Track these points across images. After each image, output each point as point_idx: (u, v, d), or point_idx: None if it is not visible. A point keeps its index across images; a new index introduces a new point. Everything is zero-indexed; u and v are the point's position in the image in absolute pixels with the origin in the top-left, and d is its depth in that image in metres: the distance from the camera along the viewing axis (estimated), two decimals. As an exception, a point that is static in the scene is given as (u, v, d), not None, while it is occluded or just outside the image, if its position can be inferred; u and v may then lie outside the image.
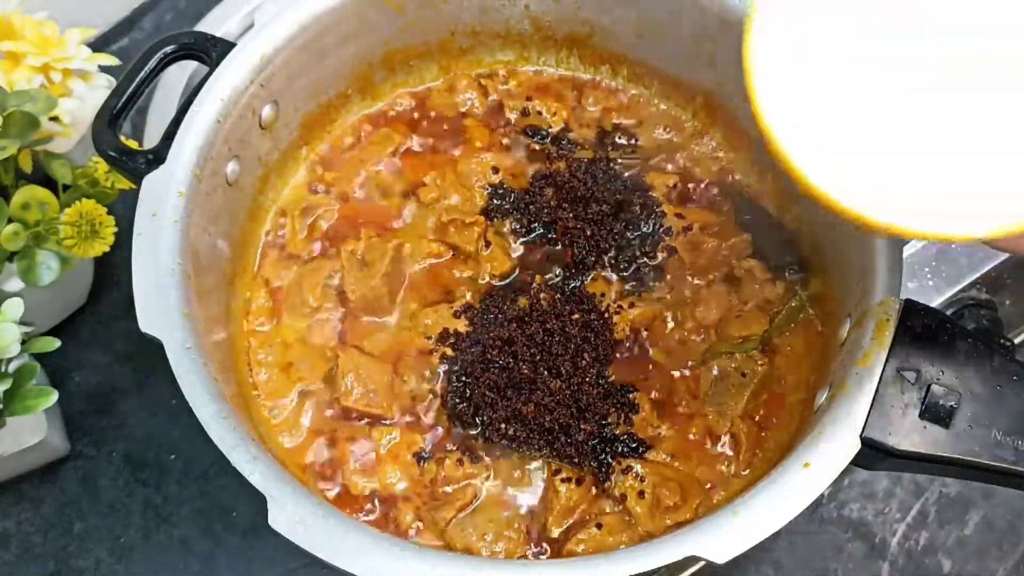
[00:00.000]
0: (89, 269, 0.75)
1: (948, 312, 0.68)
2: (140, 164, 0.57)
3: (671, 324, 0.64)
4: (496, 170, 0.69)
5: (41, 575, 0.68)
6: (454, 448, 0.60)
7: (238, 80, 0.60)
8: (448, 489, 0.59)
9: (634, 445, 0.59)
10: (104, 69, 0.70)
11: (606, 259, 0.66)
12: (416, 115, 0.72)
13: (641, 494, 0.58)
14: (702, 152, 0.70)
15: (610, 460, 0.59)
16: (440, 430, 0.61)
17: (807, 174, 0.39)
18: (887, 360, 0.50)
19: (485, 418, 0.60)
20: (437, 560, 0.47)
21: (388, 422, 0.61)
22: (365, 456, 0.60)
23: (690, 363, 0.62)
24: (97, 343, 0.75)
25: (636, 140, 0.71)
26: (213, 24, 0.84)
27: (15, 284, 0.65)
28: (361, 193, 0.69)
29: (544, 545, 0.57)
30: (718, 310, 0.63)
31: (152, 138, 0.77)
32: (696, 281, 0.65)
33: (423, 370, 0.62)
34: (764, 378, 0.61)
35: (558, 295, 0.64)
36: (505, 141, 0.71)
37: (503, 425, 0.59)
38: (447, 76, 0.73)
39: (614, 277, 0.65)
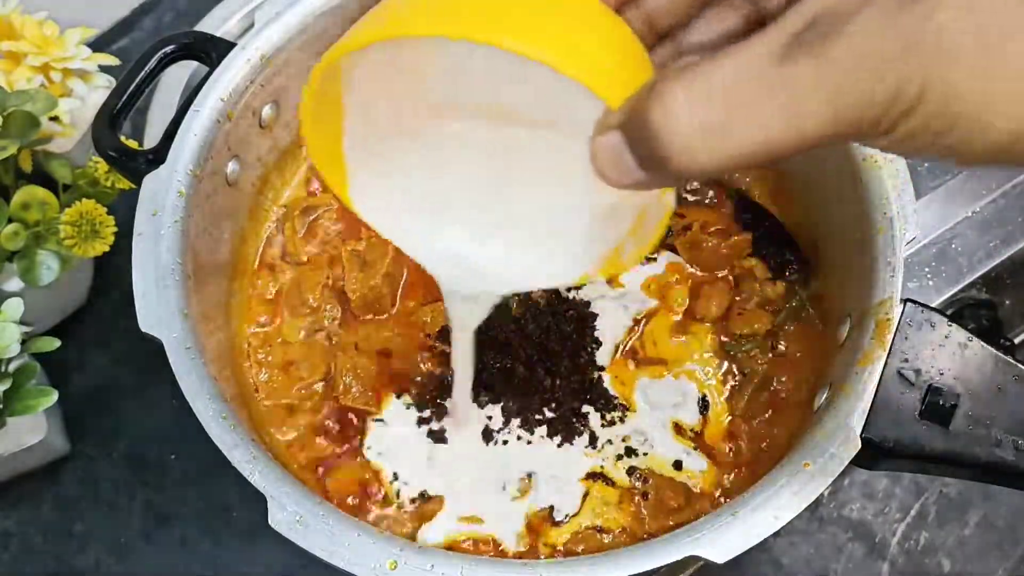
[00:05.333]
0: (89, 269, 0.75)
1: (948, 312, 0.68)
2: (140, 164, 0.57)
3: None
4: (496, 170, 0.69)
5: (41, 575, 0.68)
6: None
7: (238, 80, 0.60)
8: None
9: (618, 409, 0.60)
10: (104, 69, 0.70)
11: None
12: (416, 115, 0.72)
13: (644, 495, 0.58)
14: (702, 152, 0.70)
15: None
16: (440, 429, 0.61)
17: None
18: (887, 360, 0.50)
19: (491, 417, 0.60)
20: (437, 560, 0.47)
21: (387, 420, 0.61)
22: (365, 455, 0.60)
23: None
24: (97, 343, 0.75)
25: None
26: (213, 24, 0.84)
27: (15, 284, 0.65)
28: (361, 193, 0.69)
29: (544, 545, 0.57)
30: (719, 306, 0.63)
31: (152, 138, 0.77)
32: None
33: (423, 368, 0.62)
34: (764, 378, 0.61)
35: (554, 294, 0.64)
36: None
37: (502, 424, 0.60)
38: (447, 76, 0.73)
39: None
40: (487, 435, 0.60)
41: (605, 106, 0.33)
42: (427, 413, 0.61)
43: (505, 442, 0.60)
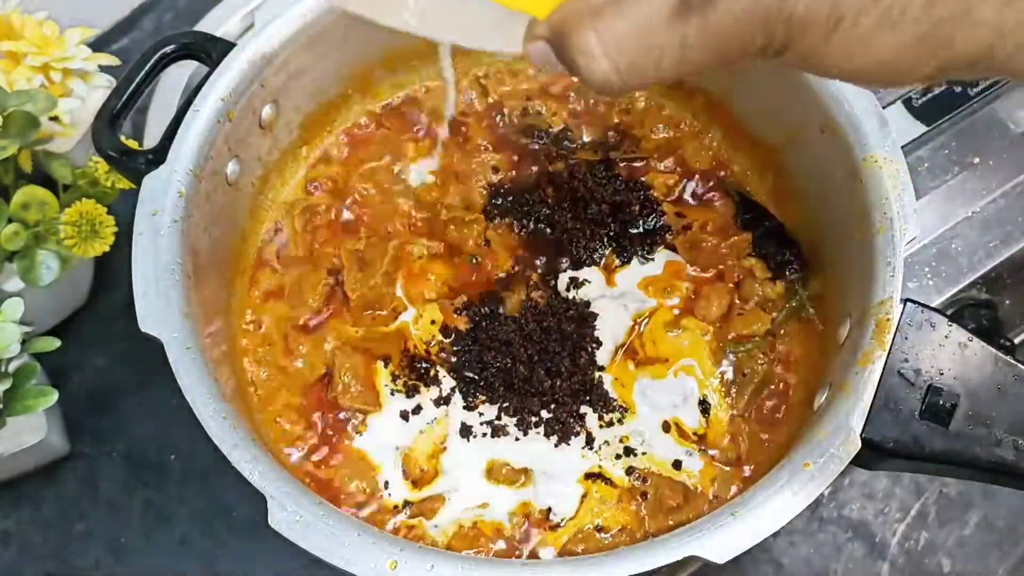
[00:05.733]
0: (89, 269, 0.75)
1: (948, 312, 0.68)
2: (140, 164, 0.57)
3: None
4: (496, 170, 0.69)
5: (41, 575, 0.68)
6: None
7: (238, 80, 0.60)
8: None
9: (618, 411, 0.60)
10: (104, 69, 0.70)
11: (605, 259, 0.66)
12: (416, 115, 0.72)
13: (644, 495, 0.58)
14: (702, 152, 0.70)
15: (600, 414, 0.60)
16: (443, 429, 0.61)
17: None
18: (887, 360, 0.50)
19: (484, 415, 0.60)
20: (437, 560, 0.47)
21: (387, 419, 0.61)
22: (365, 453, 0.60)
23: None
24: (97, 343, 0.75)
25: (636, 140, 0.71)
26: (213, 24, 0.84)
27: (15, 284, 0.65)
28: (361, 193, 0.69)
29: (544, 544, 0.57)
30: (720, 307, 0.63)
31: (152, 138, 0.77)
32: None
33: (422, 367, 0.62)
34: (764, 377, 0.61)
35: (554, 294, 0.64)
36: (505, 141, 0.71)
37: (502, 422, 0.60)
38: (447, 76, 0.73)
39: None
40: (466, 431, 0.60)
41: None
42: (412, 403, 0.61)
43: (484, 435, 0.60)
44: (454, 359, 0.62)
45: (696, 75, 0.37)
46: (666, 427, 0.60)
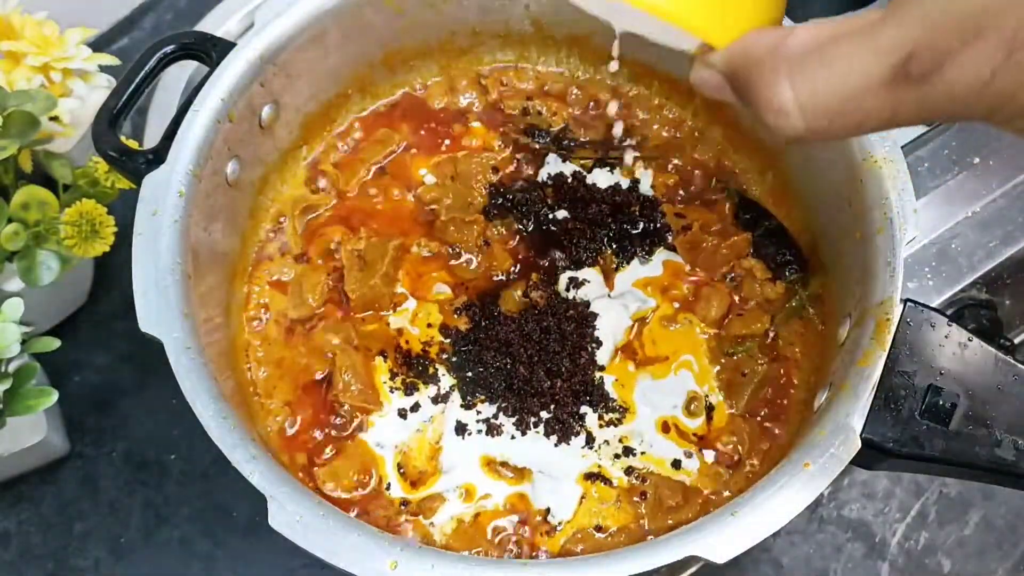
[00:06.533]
0: (89, 269, 0.75)
1: (948, 312, 0.68)
2: (140, 164, 0.57)
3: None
4: (496, 170, 0.69)
5: (41, 575, 0.68)
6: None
7: (238, 80, 0.60)
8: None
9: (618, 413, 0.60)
10: (104, 69, 0.70)
11: (605, 259, 0.66)
12: (416, 115, 0.72)
13: (643, 495, 0.58)
14: (702, 152, 0.70)
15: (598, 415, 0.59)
16: (439, 426, 0.61)
17: None
18: (887, 360, 0.50)
19: (481, 413, 0.60)
20: (437, 560, 0.47)
21: (386, 417, 0.61)
22: (364, 452, 0.60)
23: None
24: (97, 343, 0.75)
25: (636, 140, 0.71)
26: (213, 24, 0.84)
27: (15, 284, 0.65)
28: (361, 192, 0.69)
29: (543, 545, 0.57)
30: (719, 308, 0.63)
31: (152, 138, 0.77)
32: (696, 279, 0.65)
33: (422, 367, 0.62)
34: (764, 377, 0.61)
35: (554, 294, 0.64)
36: (505, 141, 0.71)
37: (498, 420, 0.60)
38: (447, 76, 0.73)
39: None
40: (461, 428, 0.60)
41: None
42: (411, 401, 0.61)
43: (479, 431, 0.60)
44: (454, 359, 0.62)
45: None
46: (666, 427, 0.60)
